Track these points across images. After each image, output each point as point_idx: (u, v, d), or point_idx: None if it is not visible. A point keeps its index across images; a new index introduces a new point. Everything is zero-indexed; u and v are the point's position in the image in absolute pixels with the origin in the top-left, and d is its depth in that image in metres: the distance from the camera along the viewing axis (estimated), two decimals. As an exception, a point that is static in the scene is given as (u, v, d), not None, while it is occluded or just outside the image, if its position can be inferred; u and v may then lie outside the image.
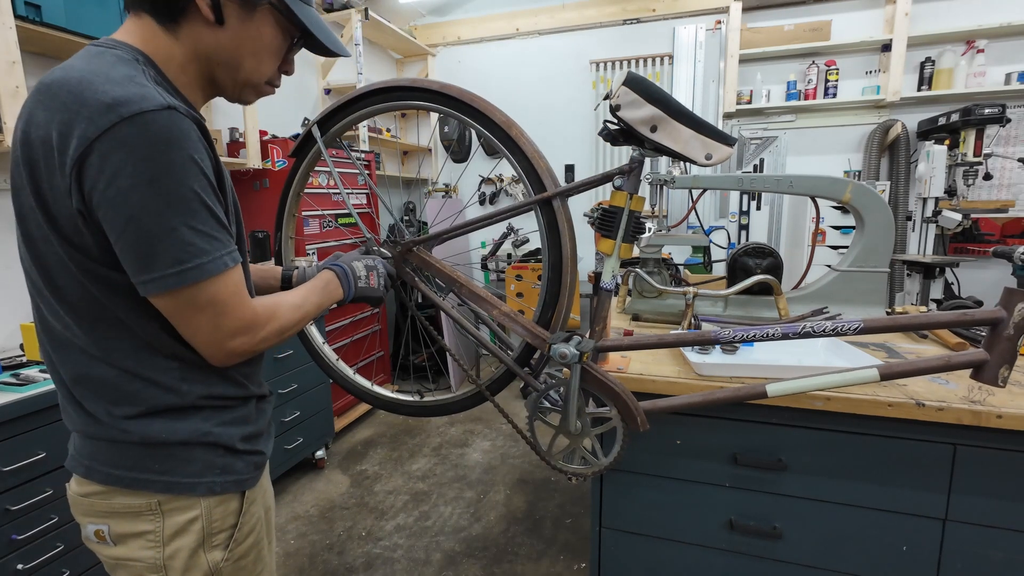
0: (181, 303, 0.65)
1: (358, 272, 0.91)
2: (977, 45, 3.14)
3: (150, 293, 0.63)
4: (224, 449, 0.76)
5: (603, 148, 3.99)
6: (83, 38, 1.80)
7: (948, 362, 0.82)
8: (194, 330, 0.67)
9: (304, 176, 1.16)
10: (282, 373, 2.41)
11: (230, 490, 0.77)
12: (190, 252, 0.62)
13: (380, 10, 3.83)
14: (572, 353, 0.92)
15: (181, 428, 0.73)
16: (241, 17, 0.69)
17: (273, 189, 2.78)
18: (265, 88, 0.79)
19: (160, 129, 0.59)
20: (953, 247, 3.17)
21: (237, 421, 0.79)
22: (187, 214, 0.62)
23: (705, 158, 0.87)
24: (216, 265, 0.64)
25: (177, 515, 0.73)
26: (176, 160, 0.60)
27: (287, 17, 0.73)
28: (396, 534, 2.18)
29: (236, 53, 0.72)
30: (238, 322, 0.68)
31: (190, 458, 0.73)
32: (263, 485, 0.86)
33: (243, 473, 0.79)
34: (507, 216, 1.02)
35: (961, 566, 1.03)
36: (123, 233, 0.60)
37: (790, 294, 1.50)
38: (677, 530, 1.21)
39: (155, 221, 0.60)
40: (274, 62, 0.76)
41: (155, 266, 0.61)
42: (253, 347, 0.71)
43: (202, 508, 0.74)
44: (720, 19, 3.62)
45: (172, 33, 0.69)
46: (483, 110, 0.94)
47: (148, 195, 0.59)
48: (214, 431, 0.75)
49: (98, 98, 0.58)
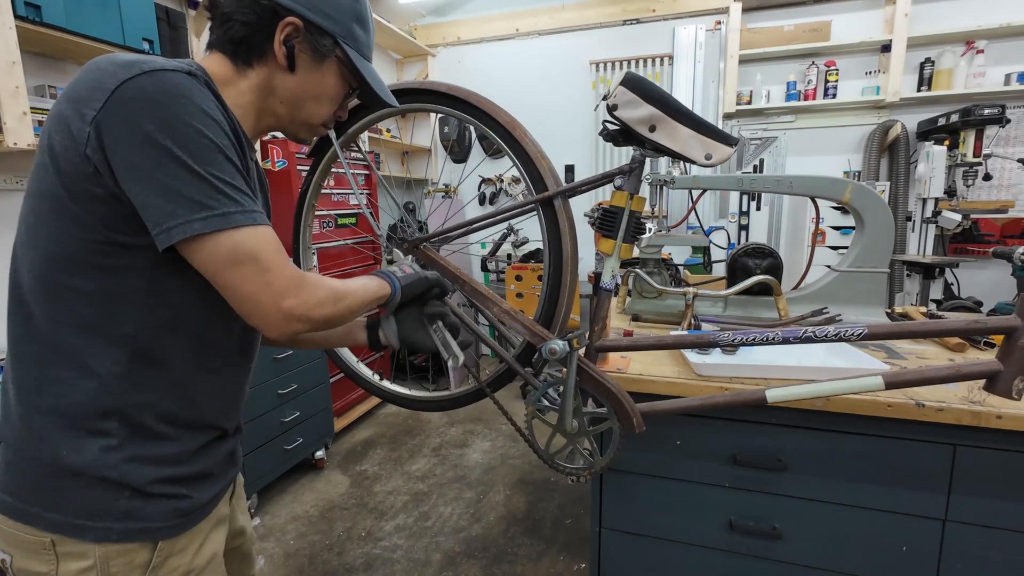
0: (214, 253, 0.60)
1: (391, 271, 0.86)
2: (977, 46, 3.14)
3: (175, 239, 0.59)
4: (131, 490, 0.66)
5: (603, 148, 3.99)
6: (83, 38, 1.80)
7: (958, 372, 0.77)
8: (238, 286, 0.61)
9: (322, 176, 1.16)
10: (282, 373, 2.41)
11: (133, 539, 0.66)
12: (218, 200, 0.60)
13: (380, 10, 3.83)
14: (561, 346, 0.91)
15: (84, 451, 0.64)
16: (310, 66, 0.74)
17: (273, 189, 2.77)
18: (319, 129, 0.82)
19: (178, 84, 0.60)
20: (953, 247, 3.17)
21: (161, 459, 0.68)
22: (212, 163, 0.60)
23: (705, 158, 0.87)
24: (248, 218, 0.62)
25: (71, 561, 0.64)
26: (196, 112, 0.60)
27: (350, 70, 0.77)
28: (396, 534, 2.18)
29: (300, 96, 0.76)
30: (286, 280, 0.63)
31: (82, 495, 0.64)
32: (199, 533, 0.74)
33: (154, 520, 0.67)
34: (510, 215, 1.02)
35: (961, 566, 1.03)
36: (146, 181, 0.58)
37: (790, 294, 1.50)
38: (677, 530, 1.21)
39: (181, 166, 0.58)
40: (332, 107, 0.80)
41: (180, 211, 0.58)
42: (309, 311, 0.64)
43: (96, 557, 0.64)
44: (720, 19, 3.62)
45: (242, 71, 0.73)
46: (488, 111, 0.94)
47: (171, 141, 0.58)
48: (121, 466, 0.65)
49: (126, 59, 0.61)
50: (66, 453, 0.63)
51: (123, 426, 0.66)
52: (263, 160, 2.71)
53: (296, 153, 2.78)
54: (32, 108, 1.66)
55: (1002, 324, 0.76)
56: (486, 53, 4.21)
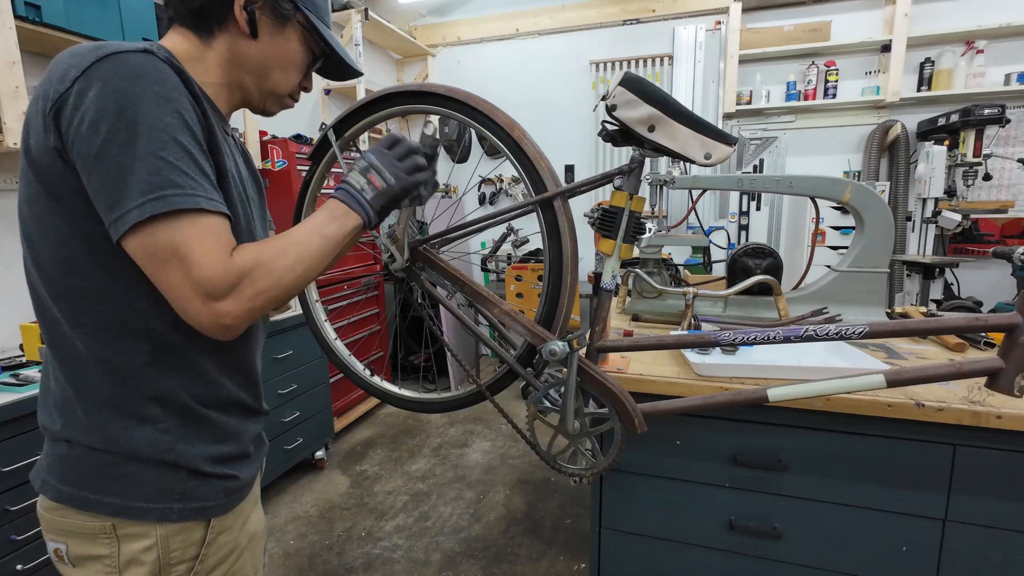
0: (148, 246, 0.58)
1: (358, 186, 0.73)
2: (977, 46, 3.14)
3: (119, 235, 0.58)
4: (187, 472, 0.70)
5: (603, 149, 3.99)
6: (83, 38, 1.80)
7: (959, 369, 0.77)
8: (166, 286, 0.60)
9: (321, 178, 1.16)
10: (282, 373, 2.41)
11: (191, 518, 0.70)
12: (155, 183, 0.57)
13: (380, 10, 3.83)
14: (562, 347, 0.91)
15: (137, 437, 0.67)
16: (272, 31, 0.74)
17: (273, 189, 2.78)
18: (287, 100, 0.82)
19: (134, 66, 0.59)
20: (953, 247, 3.17)
21: (207, 438, 0.72)
22: (156, 144, 0.58)
23: (704, 157, 0.87)
24: (185, 200, 0.58)
25: (132, 542, 0.68)
26: (147, 93, 0.58)
27: (312, 33, 0.77)
28: (396, 534, 2.18)
29: (265, 63, 0.75)
30: (213, 274, 0.58)
31: (143, 480, 0.68)
32: (242, 512, 0.78)
33: (208, 500, 0.72)
34: (510, 216, 1.02)
35: (961, 566, 1.03)
36: (93, 168, 0.58)
37: (790, 294, 1.50)
38: (677, 530, 1.21)
39: (123, 152, 0.57)
40: (297, 75, 0.80)
41: (122, 201, 0.57)
42: (244, 307, 0.61)
43: (157, 536, 0.68)
44: (720, 20, 3.62)
45: (206, 41, 0.72)
46: (487, 112, 0.94)
47: (118, 125, 0.57)
48: (176, 448, 0.69)
49: (87, 47, 0.60)
50: (123, 441, 0.66)
51: (167, 410, 0.69)
52: (263, 160, 2.71)
53: (296, 153, 2.78)
54: (32, 108, 1.66)
55: (1003, 321, 0.76)
56: (486, 53, 4.21)
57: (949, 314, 1.56)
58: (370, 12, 3.41)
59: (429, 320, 1.12)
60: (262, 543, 0.86)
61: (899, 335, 0.83)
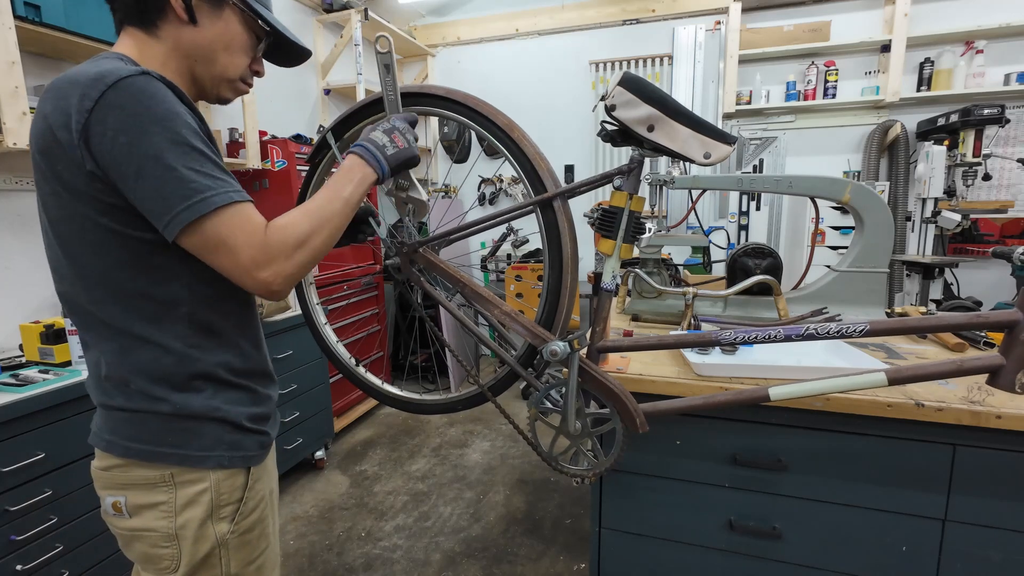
0: (200, 240, 0.69)
1: (380, 142, 0.84)
2: (976, 46, 3.14)
3: (172, 236, 0.68)
4: (232, 426, 0.81)
5: (603, 148, 3.99)
6: (82, 38, 1.80)
7: (960, 367, 0.78)
8: (220, 268, 0.71)
9: (320, 180, 1.16)
10: (282, 373, 2.41)
11: (237, 465, 0.82)
12: (193, 188, 0.67)
13: (380, 10, 3.83)
14: (562, 348, 0.91)
15: (192, 402, 0.78)
16: (211, 16, 0.78)
17: (273, 190, 2.78)
18: (240, 85, 0.86)
19: (140, 89, 0.66)
20: (952, 247, 3.17)
21: (243, 401, 0.84)
22: (184, 157, 0.67)
23: (704, 157, 0.87)
24: (220, 198, 0.69)
25: (189, 487, 0.78)
26: (159, 112, 0.67)
27: (252, 14, 0.81)
28: (395, 535, 2.18)
29: (211, 48, 0.79)
30: (254, 254, 0.70)
31: (202, 432, 0.78)
32: (267, 466, 0.91)
33: (250, 450, 0.84)
34: (510, 216, 1.02)
35: (961, 566, 1.03)
36: (136, 185, 0.66)
37: (789, 294, 1.50)
38: (677, 530, 1.21)
39: (158, 166, 0.66)
40: (245, 58, 0.84)
41: (169, 207, 0.67)
42: (288, 271, 0.73)
43: (211, 481, 0.79)
44: (719, 20, 3.62)
45: (153, 35, 0.77)
46: (486, 113, 0.94)
47: (146, 145, 0.65)
48: (223, 408, 0.80)
49: (87, 76, 0.66)
50: (180, 404, 0.77)
51: (209, 383, 0.80)
52: (263, 160, 2.71)
53: (296, 153, 2.78)
54: (32, 108, 1.66)
55: (1003, 318, 0.77)
56: (486, 53, 4.21)
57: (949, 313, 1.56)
58: (370, 12, 3.41)
59: (430, 322, 1.12)
60: (277, 498, 0.99)
61: (900, 333, 0.83)
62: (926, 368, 0.81)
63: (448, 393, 1.13)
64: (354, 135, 1.08)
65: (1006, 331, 0.77)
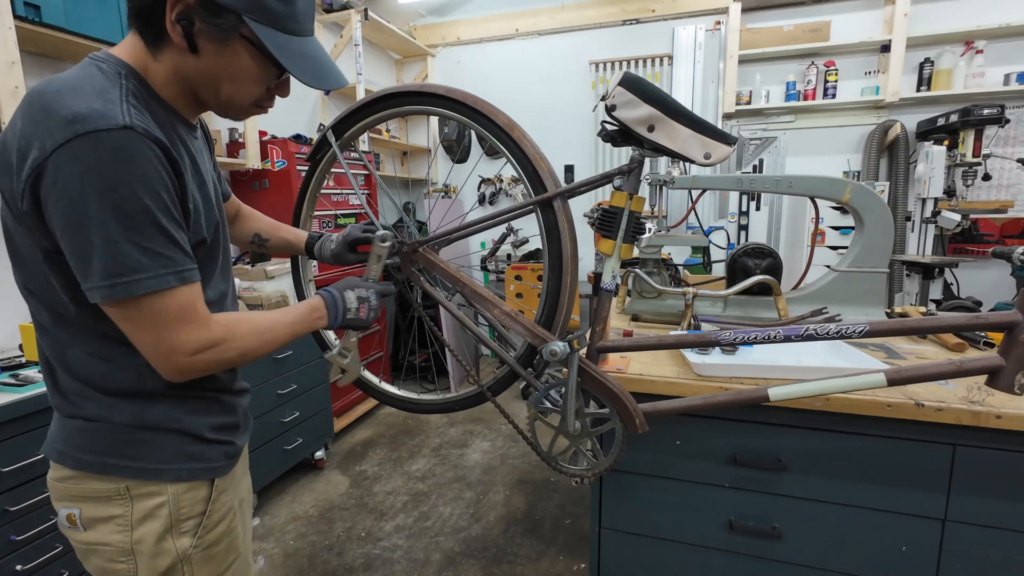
0: (121, 315, 0.66)
1: (348, 303, 0.89)
2: (976, 46, 3.14)
3: (92, 300, 0.65)
4: (193, 437, 0.79)
5: (603, 149, 3.99)
6: (82, 38, 1.80)
7: (960, 367, 0.78)
8: (138, 344, 0.68)
9: (320, 179, 1.16)
10: (282, 373, 2.41)
11: (199, 477, 0.79)
12: (127, 266, 0.63)
13: (380, 10, 3.83)
14: (562, 348, 0.91)
15: (149, 413, 0.75)
16: (216, 47, 0.69)
17: (272, 189, 2.78)
18: (251, 110, 0.78)
19: (111, 148, 0.61)
20: (952, 247, 3.17)
21: (204, 410, 0.81)
22: (131, 229, 0.63)
23: (704, 157, 0.87)
24: (156, 282, 0.65)
25: (145, 500, 0.75)
26: (123, 177, 0.61)
27: (260, 50, 0.70)
28: (395, 535, 2.17)
29: (213, 78, 0.72)
30: (184, 341, 0.68)
31: (159, 444, 0.76)
32: (235, 476, 0.88)
33: (213, 461, 0.81)
34: (510, 216, 1.02)
35: (960, 566, 1.03)
36: (69, 241, 0.63)
37: (789, 294, 1.50)
38: (677, 530, 1.21)
39: (97, 232, 0.61)
40: (256, 87, 0.75)
41: (92, 275, 0.63)
42: (205, 366, 0.71)
43: (169, 494, 0.76)
44: (719, 20, 3.62)
45: (154, 55, 0.71)
46: (487, 113, 0.94)
47: (94, 207, 0.61)
48: (183, 418, 0.78)
49: (62, 113, 0.60)
50: (140, 416, 0.75)
51: (171, 390, 0.76)
52: (263, 160, 2.71)
53: (296, 153, 2.78)
54: (31, 108, 1.66)
55: (1003, 319, 0.77)
56: (486, 53, 4.21)
57: (949, 313, 1.56)
58: (370, 12, 3.41)
59: (430, 323, 1.12)
60: (250, 507, 0.98)
61: (900, 333, 0.83)
62: (926, 369, 0.81)
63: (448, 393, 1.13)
64: (355, 134, 1.08)
65: (1006, 332, 0.77)
